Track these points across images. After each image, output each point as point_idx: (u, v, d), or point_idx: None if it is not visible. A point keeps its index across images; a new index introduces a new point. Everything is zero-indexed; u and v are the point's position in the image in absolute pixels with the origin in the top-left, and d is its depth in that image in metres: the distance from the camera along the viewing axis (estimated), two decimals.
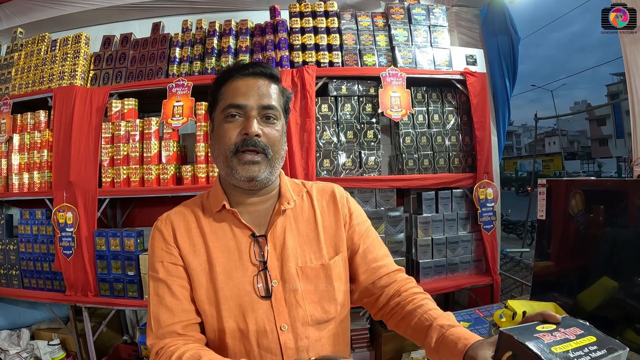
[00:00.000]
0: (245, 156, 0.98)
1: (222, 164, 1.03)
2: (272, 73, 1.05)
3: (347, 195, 1.19)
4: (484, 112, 2.84)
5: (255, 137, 0.97)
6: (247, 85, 1.01)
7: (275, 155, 1.02)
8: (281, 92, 1.07)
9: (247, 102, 0.99)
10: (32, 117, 2.96)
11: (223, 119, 1.01)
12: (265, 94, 1.01)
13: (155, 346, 0.95)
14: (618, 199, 1.77)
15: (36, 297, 2.83)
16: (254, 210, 1.07)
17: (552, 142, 36.07)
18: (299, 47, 2.79)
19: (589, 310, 1.80)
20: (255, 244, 1.03)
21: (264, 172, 1.00)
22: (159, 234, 1.05)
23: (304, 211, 1.10)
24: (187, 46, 2.90)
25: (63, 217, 2.65)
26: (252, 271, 1.00)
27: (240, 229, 1.04)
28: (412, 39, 2.89)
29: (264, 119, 1.00)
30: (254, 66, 1.04)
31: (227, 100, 1.01)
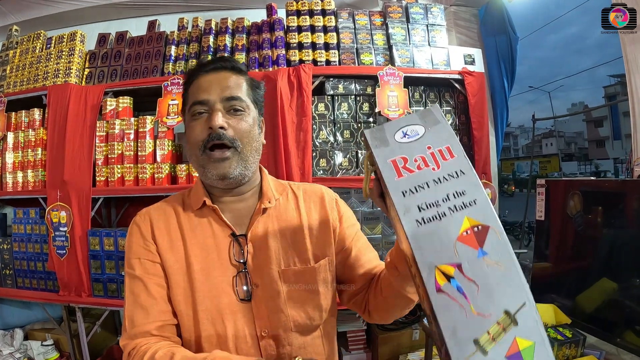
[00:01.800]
0: (214, 154, 0.95)
1: (195, 164, 1.01)
2: (234, 65, 1.03)
3: (336, 197, 1.15)
4: (482, 112, 2.83)
5: (220, 130, 0.94)
6: (208, 80, 0.99)
7: (246, 147, 0.98)
8: (249, 84, 1.04)
9: (209, 97, 0.96)
10: (27, 115, 2.93)
11: (190, 118, 0.99)
12: (228, 86, 0.98)
13: (128, 347, 0.92)
14: (616, 200, 1.76)
15: (30, 297, 2.81)
16: (234, 209, 1.04)
17: (549, 144, 36.14)
18: (296, 45, 2.77)
19: (589, 312, 1.79)
20: (234, 244, 0.99)
21: (237, 168, 0.97)
22: (137, 229, 1.02)
23: (287, 212, 1.07)
24: (183, 44, 2.88)
25: (57, 216, 2.63)
26: (232, 272, 0.97)
27: (221, 227, 1.01)
28: (410, 38, 2.87)
29: (230, 111, 0.97)
30: (215, 62, 1.02)
31: (191, 98, 0.99)
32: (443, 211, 0.69)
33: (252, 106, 1.03)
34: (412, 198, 0.71)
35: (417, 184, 0.72)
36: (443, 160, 0.73)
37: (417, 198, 0.71)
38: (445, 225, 0.68)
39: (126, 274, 1.00)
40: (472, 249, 0.66)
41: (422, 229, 0.69)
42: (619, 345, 1.68)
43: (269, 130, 2.56)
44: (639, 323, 1.61)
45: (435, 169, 0.73)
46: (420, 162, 0.74)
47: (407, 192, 0.71)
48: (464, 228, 0.68)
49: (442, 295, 0.64)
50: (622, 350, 1.69)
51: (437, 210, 0.70)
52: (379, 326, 2.74)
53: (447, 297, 0.64)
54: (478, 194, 0.70)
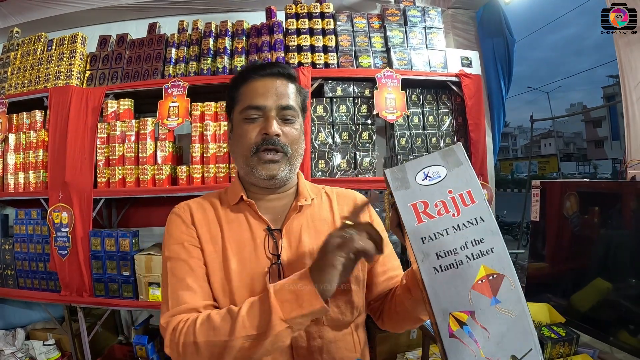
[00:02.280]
0: (265, 155, 1.00)
1: (241, 163, 1.05)
2: (289, 73, 1.06)
3: (367, 202, 1.18)
4: (479, 114, 2.85)
5: (274, 137, 0.99)
6: (265, 86, 1.02)
7: (294, 153, 1.04)
8: (298, 92, 1.08)
9: (265, 103, 1.00)
10: (28, 117, 2.95)
11: (242, 119, 1.03)
12: (283, 95, 1.02)
13: (171, 323, 0.90)
14: (612, 201, 1.78)
15: (31, 297, 2.82)
16: (270, 206, 1.08)
17: (548, 144, 36.19)
18: (295, 48, 2.79)
19: (583, 312, 1.81)
20: (269, 237, 1.02)
21: (284, 171, 1.02)
22: (178, 218, 1.05)
23: (322, 211, 1.11)
24: (183, 47, 2.90)
25: (58, 217, 2.65)
26: (266, 264, 1.00)
27: (257, 221, 1.04)
28: (408, 40, 2.90)
29: (282, 119, 1.02)
30: (271, 66, 1.06)
31: (246, 101, 1.03)
32: (461, 259, 0.71)
33: (300, 113, 1.08)
34: (430, 245, 0.72)
35: (436, 231, 0.73)
36: (463, 205, 0.74)
37: (436, 245, 0.72)
38: (461, 273, 0.70)
39: (167, 259, 1.01)
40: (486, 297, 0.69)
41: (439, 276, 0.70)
42: (613, 344, 1.70)
43: None
44: (633, 322, 1.63)
45: (456, 215, 0.73)
46: (441, 207, 0.74)
47: (426, 238, 0.73)
48: (479, 276, 0.70)
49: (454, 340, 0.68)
50: (615, 349, 1.72)
51: (455, 258, 0.71)
52: (377, 326, 2.75)
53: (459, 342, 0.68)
54: (496, 242, 0.72)
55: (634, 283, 1.63)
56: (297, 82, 1.09)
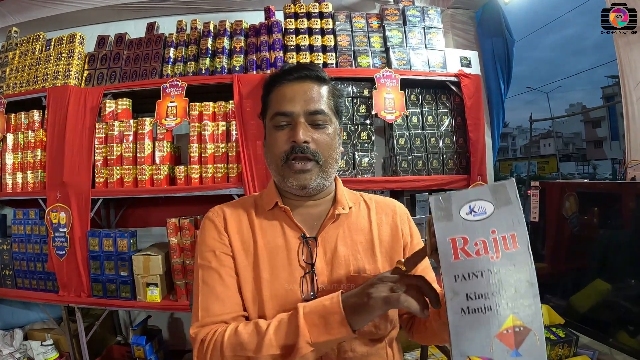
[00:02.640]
0: (296, 165, 0.97)
1: (274, 172, 1.03)
2: (318, 75, 1.03)
3: (407, 212, 1.15)
4: (478, 114, 2.85)
5: (303, 144, 0.95)
6: (292, 90, 0.99)
7: (327, 160, 1.00)
8: (330, 94, 1.04)
9: (293, 109, 0.97)
10: (26, 117, 2.94)
11: (272, 127, 1.01)
12: (311, 99, 0.98)
13: (200, 333, 0.91)
14: (612, 202, 1.78)
15: (29, 297, 2.82)
16: (306, 213, 1.05)
17: (547, 144, 36.17)
18: (293, 48, 2.79)
19: (583, 312, 1.81)
20: (304, 246, 1.00)
21: (316, 179, 0.98)
22: (211, 223, 1.04)
23: (359, 220, 1.07)
24: (182, 46, 2.89)
25: (56, 217, 2.65)
26: (299, 273, 0.98)
27: (291, 229, 1.02)
28: (407, 40, 2.90)
29: (313, 124, 0.98)
30: (299, 70, 1.02)
31: (274, 107, 1.01)
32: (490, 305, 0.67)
33: (334, 117, 1.03)
34: (463, 284, 0.68)
35: (471, 271, 0.68)
36: (505, 249, 0.69)
37: (468, 286, 0.68)
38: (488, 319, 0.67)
39: (199, 266, 1.00)
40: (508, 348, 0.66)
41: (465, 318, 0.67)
42: (612, 345, 1.70)
43: None
44: (632, 323, 1.62)
45: (494, 257, 0.68)
46: (481, 247, 0.69)
47: (459, 277, 0.69)
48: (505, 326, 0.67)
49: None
50: (614, 350, 1.72)
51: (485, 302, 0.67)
52: None
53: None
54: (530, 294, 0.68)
55: (634, 284, 1.63)
56: (328, 83, 1.05)
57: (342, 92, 1.10)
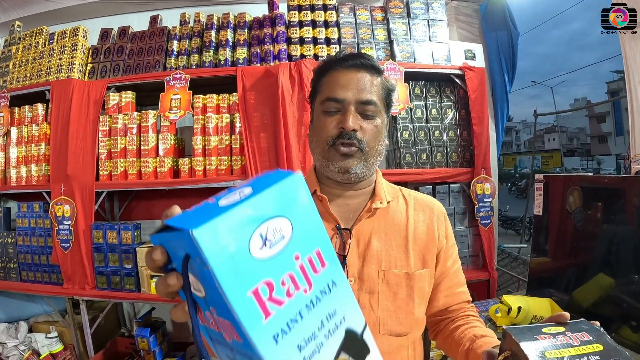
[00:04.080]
0: (341, 149, 0.96)
1: (318, 155, 1.02)
2: (373, 65, 1.01)
3: (445, 213, 1.13)
4: (482, 107, 2.84)
5: (351, 132, 0.95)
6: (346, 77, 0.99)
7: (372, 150, 0.99)
8: (383, 85, 1.03)
9: (345, 96, 0.97)
10: (30, 111, 2.95)
11: (321, 111, 1.00)
12: (364, 88, 0.98)
13: None
14: (616, 196, 1.77)
15: (34, 290, 2.83)
16: (343, 204, 1.04)
17: (551, 139, 36.00)
18: (297, 40, 2.78)
19: (585, 307, 1.80)
20: (338, 237, 0.99)
21: (359, 166, 0.98)
22: None
23: (396, 216, 1.05)
24: (185, 39, 2.89)
25: (60, 210, 2.65)
26: None
27: (326, 219, 1.01)
28: (411, 33, 2.88)
29: (363, 113, 0.98)
30: (354, 57, 1.01)
31: (326, 92, 1.00)
32: None
33: (383, 109, 1.03)
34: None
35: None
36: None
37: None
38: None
39: None
40: None
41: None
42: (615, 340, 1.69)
43: (270, 124, 2.58)
44: (635, 319, 1.62)
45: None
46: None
47: None
48: None
49: None
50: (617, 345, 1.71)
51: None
52: None
53: None
54: None
55: (637, 279, 1.62)
56: (381, 74, 1.04)
57: (394, 86, 1.08)
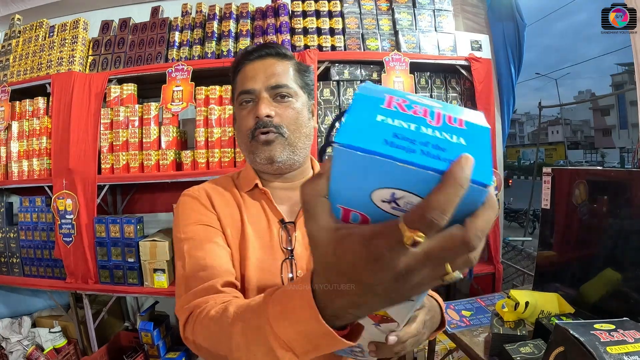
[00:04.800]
0: (260, 137, 0.95)
1: (245, 151, 1.01)
2: (279, 51, 1.02)
3: None
4: (489, 99, 2.80)
5: (266, 119, 0.94)
6: (254, 69, 0.99)
7: (295, 134, 0.98)
8: (295, 69, 1.03)
9: (254, 86, 0.97)
10: (31, 104, 2.92)
11: (238, 107, 1.01)
12: (273, 74, 0.98)
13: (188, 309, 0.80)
14: (622, 190, 1.73)
15: (37, 284, 2.82)
16: (285, 197, 1.03)
17: (555, 131, 35.89)
18: (301, 30, 2.74)
19: (592, 302, 1.77)
20: (283, 231, 0.98)
21: (284, 153, 0.96)
22: (194, 200, 0.99)
23: None
24: (187, 30, 2.85)
25: (63, 204, 2.64)
26: (280, 257, 0.96)
27: (271, 212, 1.00)
28: (416, 23, 2.84)
29: (277, 98, 0.97)
30: (259, 49, 1.02)
31: (239, 87, 1.00)
32: None
33: (300, 91, 1.02)
34: None
35: None
36: None
37: None
38: None
39: (182, 240, 0.92)
40: None
41: None
42: None
43: None
44: None
45: None
46: None
47: None
48: None
49: None
50: None
51: None
52: None
53: None
54: None
55: None
56: (292, 59, 1.04)
57: (308, 68, 1.07)
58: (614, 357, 0.61)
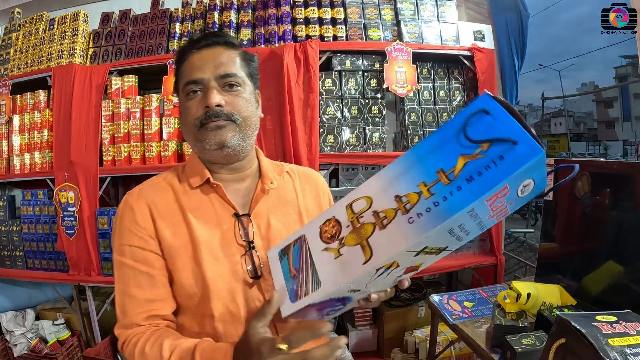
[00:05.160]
0: (210, 124, 0.93)
1: (192, 141, 0.99)
2: (227, 40, 1.01)
3: (326, 183, 1.19)
4: (492, 90, 2.74)
5: (217, 108, 0.93)
6: (201, 58, 0.97)
7: (245, 121, 0.97)
8: (242, 59, 1.01)
9: (203, 75, 0.95)
10: (32, 97, 2.92)
11: (184, 97, 0.98)
12: (222, 63, 0.96)
13: (121, 337, 0.93)
14: (625, 182, 1.73)
15: (40, 277, 2.83)
16: (236, 189, 1.02)
17: (558, 123, 35.66)
18: (302, 20, 2.72)
19: (594, 295, 1.77)
20: (239, 224, 0.98)
21: (235, 138, 0.95)
22: (130, 212, 0.97)
23: (286, 192, 1.07)
24: (188, 21, 2.84)
25: (65, 196, 2.64)
26: (239, 252, 0.96)
27: (223, 207, 0.99)
28: (419, 13, 2.82)
29: (226, 87, 0.96)
30: (206, 38, 1.00)
31: (185, 78, 0.98)
32: None
33: (248, 80, 1.01)
34: None
35: None
36: None
37: None
38: None
39: (115, 261, 0.97)
40: None
41: None
42: None
43: (276, 106, 2.53)
44: None
45: None
46: None
47: None
48: None
49: None
50: None
51: None
52: (385, 303, 2.75)
53: None
54: None
55: None
56: (238, 48, 1.03)
57: (253, 57, 1.06)
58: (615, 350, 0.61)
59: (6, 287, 3.03)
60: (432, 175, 0.61)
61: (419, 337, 2.54)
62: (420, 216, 0.60)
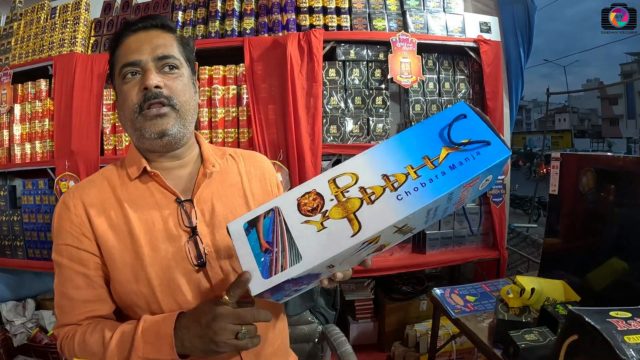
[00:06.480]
0: (150, 111, 0.89)
1: (130, 129, 0.95)
2: (164, 23, 0.98)
3: (272, 165, 1.18)
4: (497, 82, 2.76)
5: (155, 90, 0.89)
6: (138, 40, 0.94)
7: (185, 106, 0.94)
8: (179, 42, 0.99)
9: (140, 57, 0.91)
10: (33, 87, 2.90)
11: (121, 81, 0.94)
12: (159, 45, 0.93)
13: (60, 334, 0.93)
14: (630, 179, 1.71)
15: (41, 267, 2.82)
16: (176, 176, 0.99)
17: (562, 119, 35.54)
18: (306, 10, 2.69)
19: (598, 291, 1.75)
20: (181, 210, 0.95)
21: (175, 126, 0.92)
22: (66, 211, 0.94)
23: (230, 176, 1.04)
24: (190, 9, 2.81)
25: (66, 186, 2.63)
26: (182, 239, 0.93)
27: (164, 195, 0.95)
28: (424, 3, 2.79)
29: (164, 69, 0.93)
30: (143, 20, 0.97)
31: (121, 61, 0.93)
32: None
33: (186, 64, 0.98)
34: None
35: None
36: None
37: None
38: None
39: (53, 260, 0.95)
40: None
41: None
42: None
43: (278, 96, 2.52)
44: None
45: None
46: None
47: None
48: None
49: None
50: None
51: None
52: (386, 296, 2.74)
53: None
54: None
55: None
56: (175, 32, 1.00)
57: (189, 41, 1.04)
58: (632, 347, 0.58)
59: (7, 277, 3.03)
60: (418, 160, 0.73)
61: (420, 331, 2.54)
62: (408, 194, 0.69)
